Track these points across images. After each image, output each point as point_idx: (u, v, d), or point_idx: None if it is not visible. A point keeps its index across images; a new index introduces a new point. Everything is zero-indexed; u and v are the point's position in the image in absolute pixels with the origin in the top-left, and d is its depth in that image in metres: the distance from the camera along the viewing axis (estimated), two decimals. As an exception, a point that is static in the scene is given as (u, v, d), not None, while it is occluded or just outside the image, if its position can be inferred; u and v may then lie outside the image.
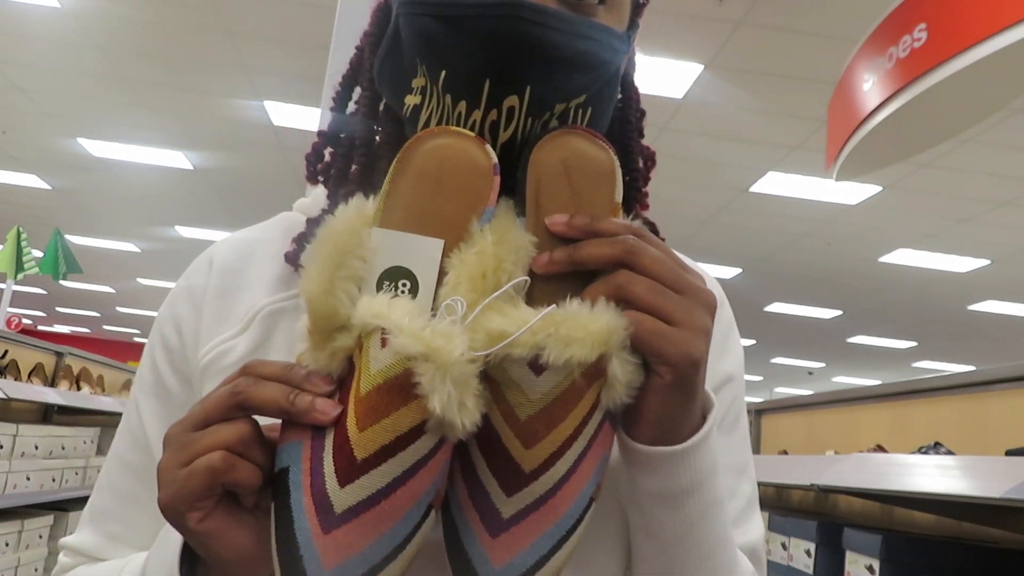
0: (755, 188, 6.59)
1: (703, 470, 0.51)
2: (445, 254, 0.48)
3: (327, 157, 0.63)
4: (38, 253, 6.14)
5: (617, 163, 0.51)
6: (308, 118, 5.82)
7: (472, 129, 0.52)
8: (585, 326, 0.46)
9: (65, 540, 0.67)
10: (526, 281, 0.48)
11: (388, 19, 0.58)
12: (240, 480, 0.46)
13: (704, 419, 0.52)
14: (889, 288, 9.22)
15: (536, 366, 0.46)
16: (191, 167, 7.29)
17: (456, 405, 0.43)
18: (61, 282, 6.63)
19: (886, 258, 8.09)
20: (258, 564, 0.48)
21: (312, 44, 4.91)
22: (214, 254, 0.66)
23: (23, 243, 5.56)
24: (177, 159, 7.11)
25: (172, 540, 0.50)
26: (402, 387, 0.44)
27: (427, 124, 0.53)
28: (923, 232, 7.26)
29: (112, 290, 14.09)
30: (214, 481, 0.45)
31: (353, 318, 0.46)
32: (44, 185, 8.28)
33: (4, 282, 5.44)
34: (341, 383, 0.47)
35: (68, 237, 8.37)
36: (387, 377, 0.44)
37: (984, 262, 7.85)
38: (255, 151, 6.75)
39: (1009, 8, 2.07)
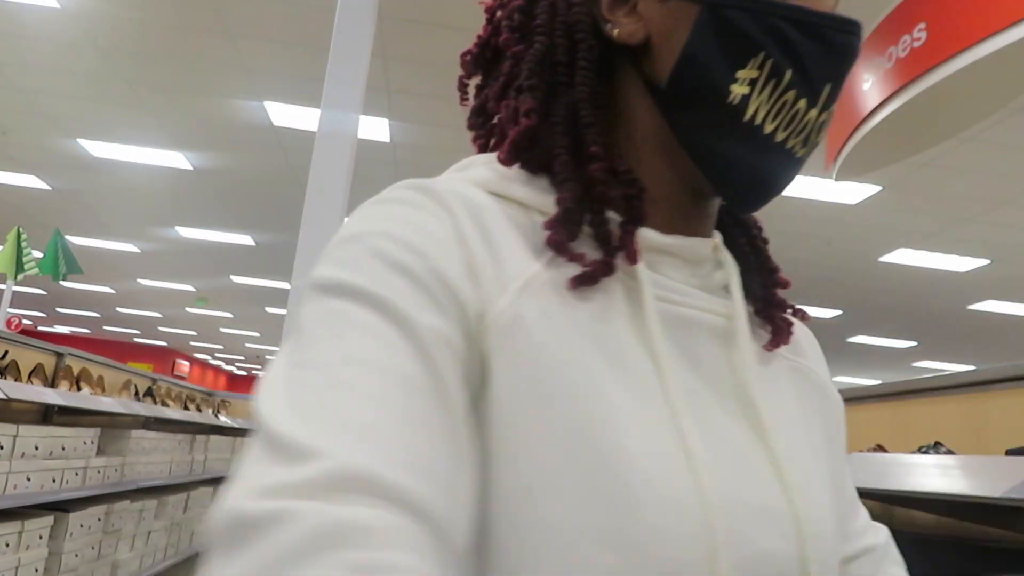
0: (755, 188, 6.59)
1: None
2: None
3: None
4: (38, 254, 6.15)
5: None
6: (308, 118, 5.83)
7: (808, 127, 0.55)
8: None
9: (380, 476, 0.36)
10: None
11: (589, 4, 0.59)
12: None
13: None
14: (889, 288, 9.22)
15: None
16: (191, 167, 7.29)
17: None
18: (61, 283, 6.63)
19: (886, 258, 8.09)
20: None
21: (312, 44, 4.91)
22: (450, 203, 0.52)
23: (23, 244, 5.57)
24: (177, 159, 7.11)
25: None
26: None
27: (755, 114, 0.54)
28: (923, 232, 7.26)
29: (112, 291, 14.09)
30: None
31: None
32: (44, 186, 8.28)
33: (4, 283, 5.44)
34: None
35: (68, 238, 8.38)
36: None
37: (984, 262, 7.85)
38: (255, 151, 6.75)
39: (1009, 7, 2.06)
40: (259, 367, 29.36)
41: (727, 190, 0.58)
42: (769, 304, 0.64)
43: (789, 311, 0.65)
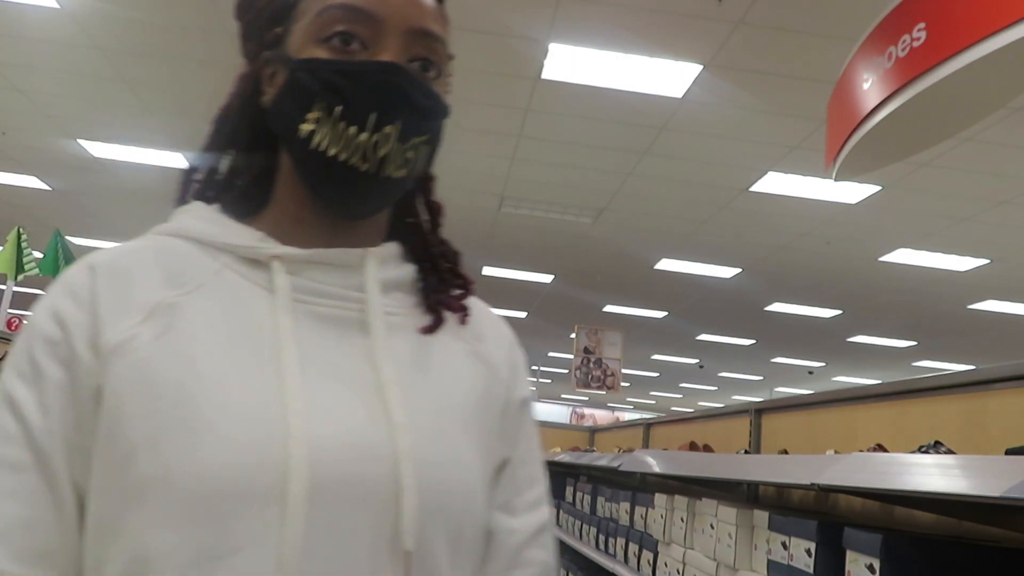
0: (755, 188, 6.60)
1: None
2: None
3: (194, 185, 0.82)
4: (38, 254, 6.14)
5: None
6: (308, 118, 5.83)
7: (360, 146, 0.70)
8: None
9: None
10: None
11: (255, 83, 0.83)
12: None
13: None
14: (889, 288, 9.23)
15: None
16: (191, 168, 7.30)
17: None
18: (61, 283, 6.62)
19: (886, 258, 8.09)
20: None
21: (312, 44, 4.91)
22: (93, 261, 0.73)
23: (23, 244, 5.56)
24: (177, 159, 7.11)
25: None
26: None
27: (319, 142, 0.71)
28: (923, 232, 7.26)
29: (112, 291, 14.09)
30: None
31: None
32: (44, 186, 8.29)
33: (4, 283, 5.44)
34: None
35: (68, 238, 8.37)
36: None
37: (983, 261, 7.86)
38: (255, 151, 6.75)
39: (1008, 7, 2.06)
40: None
41: (324, 201, 0.74)
42: (439, 300, 0.80)
43: (462, 305, 0.81)
